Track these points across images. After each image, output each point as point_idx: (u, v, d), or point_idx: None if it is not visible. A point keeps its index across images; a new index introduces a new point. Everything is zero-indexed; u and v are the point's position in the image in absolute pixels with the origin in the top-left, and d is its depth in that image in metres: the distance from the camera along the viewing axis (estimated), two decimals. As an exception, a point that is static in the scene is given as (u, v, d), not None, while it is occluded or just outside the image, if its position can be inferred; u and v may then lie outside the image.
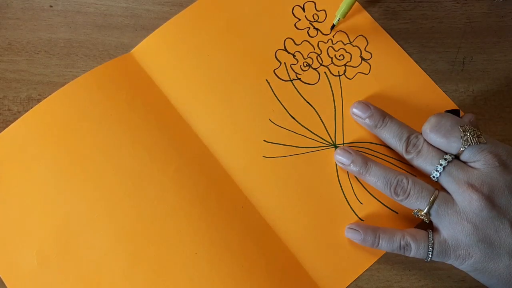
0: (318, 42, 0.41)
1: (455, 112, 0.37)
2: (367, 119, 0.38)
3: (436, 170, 0.35)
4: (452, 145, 0.34)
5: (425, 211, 0.34)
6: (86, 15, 0.41)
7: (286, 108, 0.39)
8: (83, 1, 0.42)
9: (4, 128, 0.38)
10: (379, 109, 0.38)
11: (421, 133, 0.36)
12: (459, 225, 0.33)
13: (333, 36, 0.41)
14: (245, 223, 0.37)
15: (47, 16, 0.41)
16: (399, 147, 0.37)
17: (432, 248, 0.34)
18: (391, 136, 0.37)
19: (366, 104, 0.38)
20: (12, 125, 0.38)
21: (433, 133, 0.35)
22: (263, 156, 0.38)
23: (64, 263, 0.36)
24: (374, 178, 0.36)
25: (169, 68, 0.40)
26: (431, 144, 0.36)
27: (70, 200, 0.37)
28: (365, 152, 0.39)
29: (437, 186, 0.35)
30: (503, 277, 0.33)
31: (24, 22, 0.41)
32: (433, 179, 0.35)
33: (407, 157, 0.36)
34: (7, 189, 0.37)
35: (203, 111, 0.39)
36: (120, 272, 0.36)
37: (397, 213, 0.38)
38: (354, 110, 0.39)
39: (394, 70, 0.40)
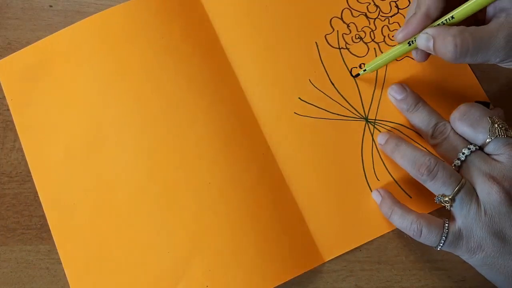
0: (375, 19, 0.41)
1: (485, 105, 0.37)
2: (401, 101, 0.38)
3: (458, 159, 0.35)
4: (479, 135, 0.34)
5: (450, 196, 0.34)
6: (86, 15, 0.41)
7: (328, 73, 0.40)
8: (83, 1, 0.42)
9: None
10: (415, 94, 0.39)
11: (449, 122, 0.36)
12: (476, 216, 0.33)
13: (391, 16, 0.41)
14: (262, 169, 0.38)
15: (47, 16, 0.41)
16: (426, 132, 0.37)
17: (446, 237, 0.34)
18: (420, 121, 0.37)
19: (403, 86, 0.39)
20: (72, 25, 0.40)
21: (461, 122, 0.35)
22: (294, 113, 0.39)
23: (86, 162, 0.38)
24: (402, 154, 0.36)
25: (226, 8, 0.41)
26: (457, 134, 0.36)
27: (107, 106, 0.38)
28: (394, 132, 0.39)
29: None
30: (510, 275, 0.33)
31: (24, 22, 0.41)
32: (455, 167, 0.35)
33: (432, 142, 0.37)
34: (55, 83, 0.39)
35: (248, 56, 0.40)
36: (136, 183, 0.37)
37: (411, 197, 0.38)
38: (390, 90, 0.39)
39: (442, 62, 0.39)
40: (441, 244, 0.34)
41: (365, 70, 0.39)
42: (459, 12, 0.33)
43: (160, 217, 0.37)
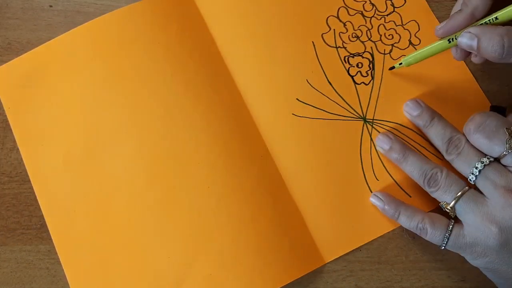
0: (371, 18, 0.41)
1: (500, 110, 0.36)
2: (417, 117, 0.38)
3: (472, 173, 0.34)
4: (495, 147, 0.33)
5: (450, 205, 0.34)
6: (86, 15, 0.41)
7: (325, 73, 0.40)
8: (83, 1, 0.42)
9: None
10: (430, 109, 0.38)
11: (464, 135, 0.36)
12: (482, 226, 0.33)
13: (387, 15, 0.41)
14: (260, 171, 0.38)
15: (47, 16, 0.41)
16: (441, 147, 0.37)
17: (448, 238, 0.34)
18: (435, 136, 0.37)
19: (418, 102, 0.38)
20: (69, 32, 0.40)
21: (476, 134, 0.34)
22: (293, 114, 0.39)
23: (86, 169, 0.38)
24: (411, 167, 0.36)
25: (222, 11, 0.41)
26: (472, 146, 0.35)
27: (105, 112, 0.39)
28: (393, 133, 0.39)
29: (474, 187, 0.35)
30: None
31: (24, 22, 0.41)
32: (471, 182, 0.34)
33: (447, 158, 0.36)
34: (52, 90, 0.39)
35: (244, 58, 0.40)
36: (135, 188, 0.37)
37: (411, 196, 0.38)
38: (405, 107, 0.39)
39: (439, 60, 0.40)
40: (444, 244, 0.34)
41: (401, 63, 0.39)
42: (504, 14, 0.33)
43: (160, 222, 0.37)
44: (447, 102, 0.39)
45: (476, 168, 0.34)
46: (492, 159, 0.34)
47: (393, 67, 0.40)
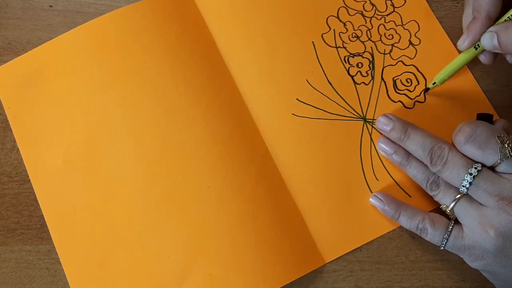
0: (371, 18, 0.41)
1: (487, 117, 0.36)
2: (391, 132, 0.37)
3: (463, 186, 0.33)
4: (488, 157, 0.33)
5: (450, 207, 0.34)
6: (86, 15, 0.41)
7: (325, 73, 0.40)
8: (83, 1, 0.42)
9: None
10: (402, 121, 0.37)
11: (445, 142, 0.35)
12: (479, 229, 0.33)
13: (387, 15, 0.41)
14: (260, 171, 0.38)
15: (47, 16, 0.42)
16: (424, 159, 0.35)
17: (447, 239, 0.34)
18: (416, 148, 0.35)
19: (388, 117, 0.37)
20: (69, 32, 0.40)
21: (467, 144, 0.33)
22: (293, 114, 0.39)
23: (86, 169, 0.38)
24: (415, 171, 0.36)
25: (222, 11, 0.41)
26: (456, 153, 0.34)
27: (105, 112, 0.39)
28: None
29: None
30: (510, 282, 0.33)
31: (24, 22, 0.41)
32: (463, 193, 0.34)
33: (433, 170, 0.35)
34: (52, 90, 0.39)
35: (245, 58, 0.40)
36: (135, 188, 0.37)
37: (411, 196, 0.38)
38: (378, 123, 0.38)
39: (439, 61, 0.40)
40: (443, 245, 0.35)
41: (434, 83, 0.38)
42: None
43: (160, 222, 0.37)
44: (447, 102, 0.39)
45: (466, 180, 0.33)
46: (479, 168, 0.33)
47: (427, 89, 0.39)
